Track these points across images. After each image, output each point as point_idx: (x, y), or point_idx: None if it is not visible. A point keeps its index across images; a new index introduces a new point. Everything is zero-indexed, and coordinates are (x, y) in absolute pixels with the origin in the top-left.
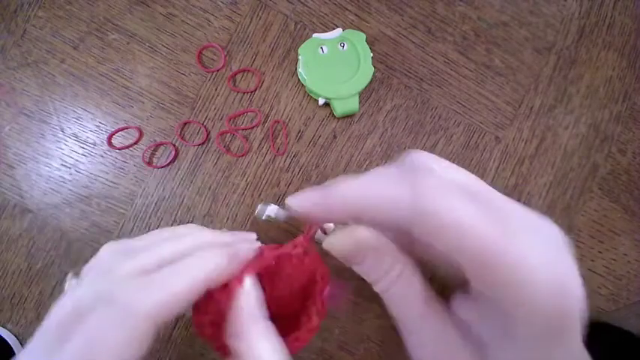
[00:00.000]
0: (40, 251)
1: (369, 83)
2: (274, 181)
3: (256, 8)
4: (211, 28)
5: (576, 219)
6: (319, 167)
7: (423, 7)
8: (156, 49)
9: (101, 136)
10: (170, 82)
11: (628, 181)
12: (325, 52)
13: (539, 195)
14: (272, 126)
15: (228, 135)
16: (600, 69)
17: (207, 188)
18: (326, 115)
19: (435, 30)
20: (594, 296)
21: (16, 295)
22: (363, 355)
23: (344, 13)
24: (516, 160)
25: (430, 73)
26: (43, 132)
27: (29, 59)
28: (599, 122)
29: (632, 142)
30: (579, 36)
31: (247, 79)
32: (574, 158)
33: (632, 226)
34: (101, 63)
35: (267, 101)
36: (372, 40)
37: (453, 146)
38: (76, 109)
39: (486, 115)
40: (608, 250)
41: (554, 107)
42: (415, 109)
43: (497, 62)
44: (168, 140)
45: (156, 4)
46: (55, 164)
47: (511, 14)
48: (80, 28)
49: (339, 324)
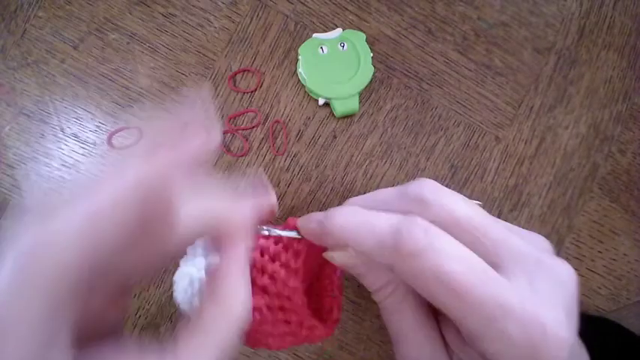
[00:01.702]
0: None
1: (369, 83)
2: (274, 181)
3: (256, 8)
4: (211, 28)
5: (576, 219)
6: (319, 167)
7: (423, 7)
8: (156, 49)
9: (101, 136)
10: (170, 82)
11: (628, 181)
12: (325, 52)
13: (539, 195)
14: (272, 126)
15: (228, 135)
16: (600, 69)
17: None
18: (326, 115)
19: (435, 30)
20: (594, 296)
21: None
22: (363, 355)
23: (344, 13)
24: (516, 160)
25: (430, 73)
26: (43, 132)
27: (29, 59)
28: (599, 122)
29: (632, 142)
30: (579, 36)
31: (247, 79)
32: (574, 158)
33: (632, 226)
34: (101, 63)
35: (267, 101)
36: (372, 40)
37: (453, 146)
38: (76, 109)
39: (486, 115)
40: (608, 250)
41: (554, 107)
42: (415, 109)
43: (497, 62)
44: None
45: (156, 4)
46: (55, 164)
47: (511, 14)
48: (80, 28)
49: (339, 324)
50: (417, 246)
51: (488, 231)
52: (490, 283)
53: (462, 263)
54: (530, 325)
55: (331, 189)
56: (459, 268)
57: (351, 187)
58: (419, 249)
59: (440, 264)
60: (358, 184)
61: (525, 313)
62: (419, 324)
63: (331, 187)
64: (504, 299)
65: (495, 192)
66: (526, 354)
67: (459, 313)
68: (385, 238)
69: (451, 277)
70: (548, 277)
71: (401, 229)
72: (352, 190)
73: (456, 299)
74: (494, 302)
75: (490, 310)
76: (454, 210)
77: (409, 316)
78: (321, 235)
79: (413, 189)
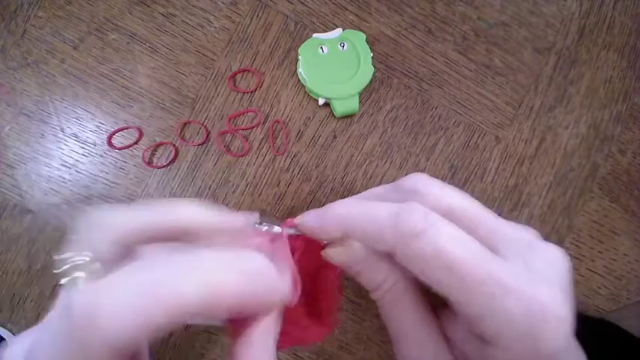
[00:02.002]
0: (40, 251)
1: (369, 83)
2: (274, 181)
3: (256, 8)
4: (211, 28)
5: (576, 219)
6: (319, 167)
7: (423, 7)
8: (156, 49)
9: (101, 136)
10: (170, 82)
11: (628, 181)
12: (325, 52)
13: (539, 195)
14: (272, 126)
15: (228, 135)
16: (600, 69)
17: (207, 188)
18: (326, 115)
19: (435, 30)
20: (594, 296)
21: (16, 295)
22: (363, 355)
23: (344, 13)
24: (516, 160)
25: (430, 73)
26: (43, 132)
27: (29, 59)
28: (599, 122)
29: (632, 142)
30: (579, 36)
31: (247, 79)
32: (574, 158)
33: (632, 226)
34: (101, 63)
35: (267, 101)
36: (372, 40)
37: (453, 146)
38: (76, 109)
39: (486, 115)
40: (608, 250)
41: (554, 107)
42: (415, 109)
43: (497, 62)
44: (168, 140)
45: (156, 4)
46: (55, 164)
47: (511, 14)
48: (80, 28)
49: (339, 324)
50: (417, 227)
51: (481, 219)
52: (489, 262)
53: (461, 244)
54: (530, 302)
55: (331, 189)
56: (458, 248)
57: (351, 187)
58: (419, 230)
59: (441, 244)
60: (358, 184)
61: (524, 292)
62: (420, 321)
63: (331, 187)
64: (503, 278)
65: (495, 192)
66: (526, 332)
67: (459, 294)
68: (386, 223)
69: (452, 257)
70: (541, 258)
71: (401, 213)
72: (352, 190)
73: (457, 279)
74: (493, 281)
75: (490, 289)
76: (448, 200)
77: (409, 313)
78: (320, 227)
79: (407, 182)
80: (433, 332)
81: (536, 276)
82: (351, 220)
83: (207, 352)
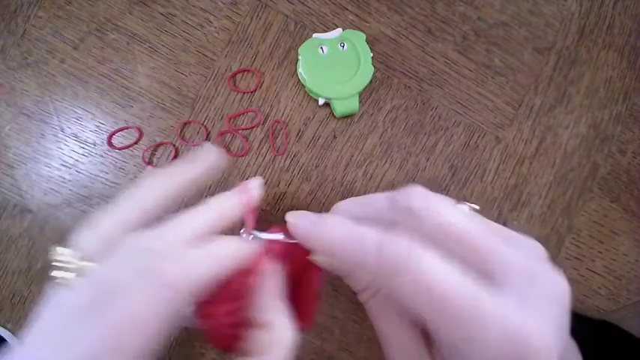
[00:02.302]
0: (40, 251)
1: (369, 83)
2: (274, 181)
3: (256, 8)
4: (211, 28)
5: (576, 219)
6: (319, 167)
7: (423, 7)
8: (156, 49)
9: (101, 136)
10: (170, 82)
11: (628, 181)
12: (325, 52)
13: (539, 195)
14: (272, 126)
15: (228, 135)
16: (600, 69)
17: (207, 188)
18: (326, 115)
19: (435, 30)
20: (594, 296)
21: (16, 295)
22: (363, 355)
23: (344, 13)
24: (516, 160)
25: (430, 73)
26: (43, 132)
27: (29, 59)
28: (599, 122)
29: (632, 142)
30: (579, 36)
31: (247, 79)
32: (574, 158)
33: (632, 226)
34: (101, 63)
35: (267, 101)
36: (372, 40)
37: (452, 146)
38: (76, 109)
39: (486, 115)
40: (608, 250)
41: (554, 107)
42: (415, 109)
43: (497, 62)
44: (168, 140)
45: (156, 4)
46: (55, 164)
47: (511, 14)
48: (80, 28)
49: (339, 324)
50: (399, 262)
51: (477, 240)
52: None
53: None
54: (513, 336)
55: (331, 189)
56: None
57: (351, 187)
58: (401, 265)
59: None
60: (358, 184)
61: (508, 325)
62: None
63: (331, 187)
64: (485, 310)
65: (495, 192)
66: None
67: (439, 326)
68: (369, 253)
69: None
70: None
71: (384, 246)
72: (352, 190)
73: (436, 311)
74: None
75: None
76: (442, 220)
77: (393, 320)
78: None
79: (401, 198)
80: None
81: (527, 308)
82: (335, 245)
83: (207, 352)
